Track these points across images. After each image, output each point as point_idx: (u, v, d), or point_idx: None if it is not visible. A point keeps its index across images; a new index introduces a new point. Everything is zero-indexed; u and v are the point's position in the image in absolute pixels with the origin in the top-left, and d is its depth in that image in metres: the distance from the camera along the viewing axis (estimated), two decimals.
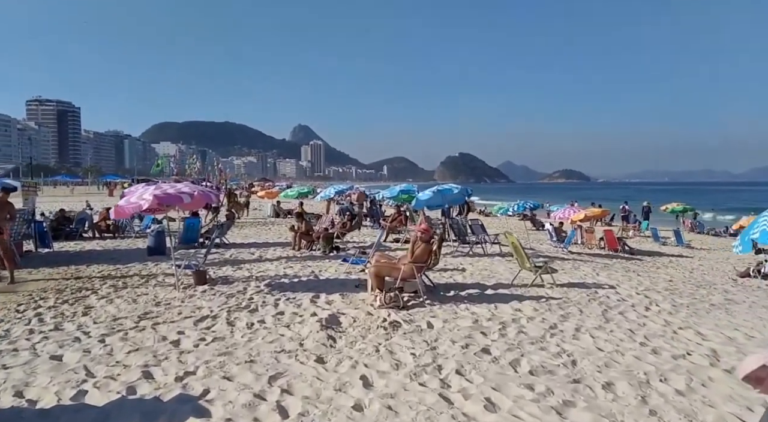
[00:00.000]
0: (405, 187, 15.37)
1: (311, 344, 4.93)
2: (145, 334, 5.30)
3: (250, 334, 5.28)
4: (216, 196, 7.52)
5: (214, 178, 63.98)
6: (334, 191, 18.18)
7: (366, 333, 5.29)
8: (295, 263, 10.17)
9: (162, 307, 6.49)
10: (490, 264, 10.12)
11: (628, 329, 5.53)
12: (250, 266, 9.79)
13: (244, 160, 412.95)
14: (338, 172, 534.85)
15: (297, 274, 8.90)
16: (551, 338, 5.18)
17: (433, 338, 5.13)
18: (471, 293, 7.28)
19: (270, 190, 28.47)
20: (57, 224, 14.53)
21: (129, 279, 8.40)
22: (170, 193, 6.70)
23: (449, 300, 6.77)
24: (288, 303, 6.66)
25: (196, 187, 7.07)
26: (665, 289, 7.91)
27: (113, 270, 9.31)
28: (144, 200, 6.65)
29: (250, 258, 10.88)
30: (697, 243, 22.33)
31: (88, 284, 8.02)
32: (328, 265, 9.90)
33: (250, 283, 8.00)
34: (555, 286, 7.71)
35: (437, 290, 7.41)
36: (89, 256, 11.30)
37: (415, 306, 6.39)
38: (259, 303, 6.64)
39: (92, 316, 6.07)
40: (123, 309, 6.43)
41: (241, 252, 11.77)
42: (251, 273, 9.06)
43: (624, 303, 6.79)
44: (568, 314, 6.12)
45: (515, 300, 6.76)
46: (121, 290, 7.56)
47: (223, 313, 6.12)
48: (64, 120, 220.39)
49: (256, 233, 16.85)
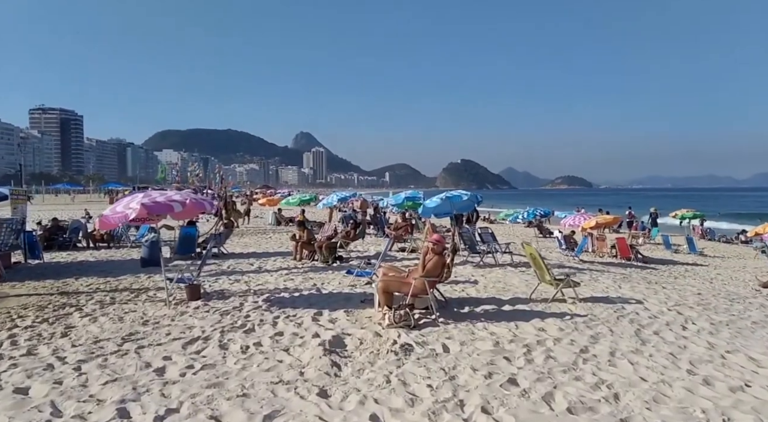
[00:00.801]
0: (410, 193, 14.79)
1: (313, 373, 4.34)
2: (126, 360, 4.72)
3: (245, 360, 4.69)
4: (210, 203, 6.97)
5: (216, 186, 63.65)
6: (337, 198, 17.61)
7: (375, 359, 4.69)
8: (296, 275, 9.59)
9: (150, 327, 5.92)
10: (504, 276, 9.52)
11: (669, 353, 4.92)
12: (249, 278, 9.22)
13: (246, 167, 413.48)
14: (340, 178, 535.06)
15: (298, 287, 8.32)
16: (584, 364, 4.58)
17: (451, 365, 4.53)
18: (487, 309, 6.68)
19: (271, 198, 27.93)
20: (50, 234, 14.01)
21: (118, 294, 7.83)
22: (159, 202, 6.14)
23: (464, 318, 6.17)
24: (288, 321, 6.08)
25: (188, 195, 6.52)
26: (697, 304, 7.29)
27: (102, 284, 8.74)
28: (131, 209, 6.10)
29: (249, 270, 10.31)
30: (710, 250, 21.68)
31: (73, 299, 7.46)
32: (331, 277, 9.32)
33: (247, 298, 7.43)
34: (578, 301, 7.10)
35: (450, 306, 6.82)
36: (80, 268, 10.75)
37: (428, 325, 5.80)
38: (256, 321, 6.06)
39: (72, 338, 5.50)
40: (107, 329, 5.85)
41: (239, 263, 11.20)
42: (249, 286, 8.48)
43: (656, 320, 6.18)
44: (597, 334, 5.51)
45: (537, 318, 6.16)
46: (107, 306, 6.99)
47: (215, 334, 5.54)
48: (67, 128, 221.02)
49: (257, 242, 16.29)
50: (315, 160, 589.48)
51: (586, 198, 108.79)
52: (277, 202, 25.63)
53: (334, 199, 17.46)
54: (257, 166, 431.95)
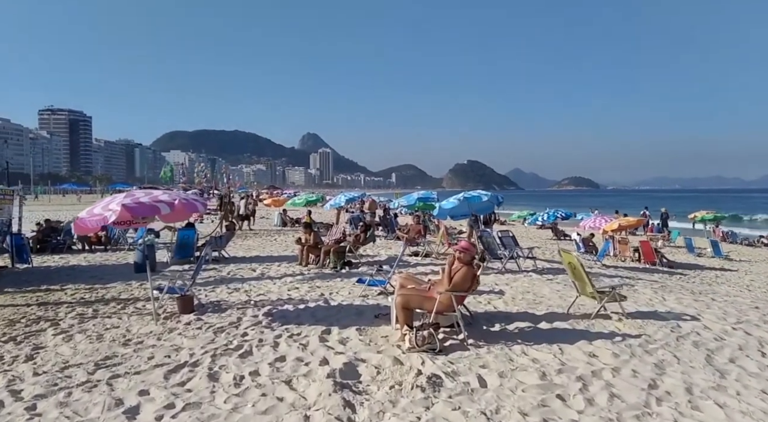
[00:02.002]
0: (423, 194, 13.87)
1: (321, 417, 3.46)
2: (94, 396, 3.87)
3: (237, 397, 3.83)
4: (204, 204, 6.12)
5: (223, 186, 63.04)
6: (345, 199, 16.72)
7: (396, 396, 3.81)
8: (302, 283, 8.73)
9: (131, 347, 5.08)
10: (531, 285, 8.60)
11: (761, 391, 4.00)
12: (249, 287, 8.37)
13: (253, 167, 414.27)
14: (346, 179, 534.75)
15: (303, 298, 7.46)
16: (659, 406, 3.67)
17: (493, 406, 3.64)
18: (521, 327, 5.77)
19: (277, 198, 27.11)
20: (43, 235, 13.27)
21: (102, 306, 7.00)
22: (143, 203, 5.30)
23: (496, 338, 5.27)
24: (291, 341, 5.22)
25: (177, 195, 5.68)
26: (763, 321, 6.33)
27: (88, 293, 7.93)
28: (110, 211, 5.26)
29: (250, 277, 9.47)
30: (734, 254, 20.56)
31: (51, 312, 6.64)
32: (340, 286, 8.45)
33: (246, 311, 6.57)
34: (625, 318, 6.17)
35: (477, 322, 5.92)
36: (70, 273, 9.96)
37: (455, 348, 4.91)
38: (254, 342, 5.20)
39: (37, 363, 4.67)
40: (80, 350, 5.02)
41: (240, 269, 10.36)
42: (249, 296, 7.63)
43: (724, 343, 5.24)
44: (662, 363, 4.59)
45: (582, 339, 5.24)
46: (87, 321, 6.16)
47: (206, 359, 4.69)
48: (76, 129, 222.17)
49: (261, 245, 15.46)
50: (321, 161, 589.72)
51: (594, 199, 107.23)
52: (283, 202, 24.80)
53: (342, 200, 16.58)
54: (264, 167, 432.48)
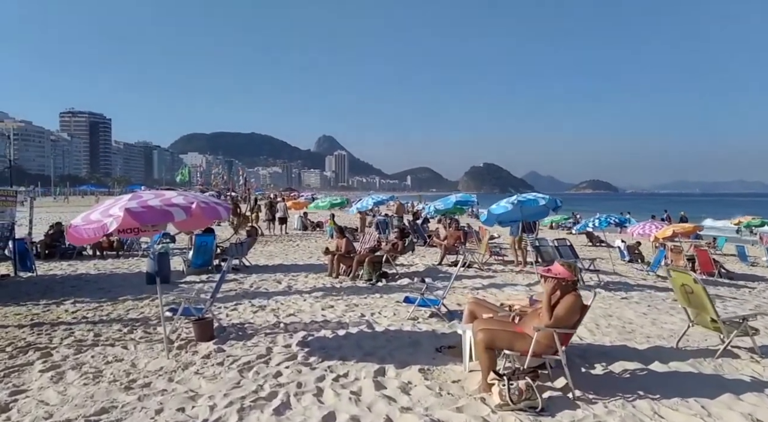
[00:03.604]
0: (462, 196, 12.60)
1: None
2: None
3: None
4: (227, 208, 4.97)
5: (239, 188, 62.58)
6: (373, 202, 15.51)
7: None
8: (336, 299, 7.54)
9: (135, 393, 3.94)
10: (608, 306, 7.28)
11: None
12: (276, 304, 7.22)
13: (269, 170, 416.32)
14: (362, 182, 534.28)
15: (342, 320, 6.27)
16: None
17: None
18: (630, 369, 4.48)
19: (297, 201, 26.01)
20: (51, 240, 12.34)
21: (107, 328, 5.90)
22: (152, 207, 4.16)
23: (607, 387, 4.00)
24: (338, 387, 4.03)
25: (194, 198, 4.54)
26: None
27: (92, 310, 6.84)
28: (110, 217, 4.14)
29: (276, 290, 8.32)
30: None
31: (44, 337, 5.55)
32: (381, 304, 7.25)
33: (276, 339, 5.40)
34: (759, 357, 4.83)
35: (572, 361, 4.64)
36: (75, 284, 8.93)
37: (560, 404, 3.66)
38: (291, 387, 4.02)
39: (11, 418, 3.55)
40: (71, 396, 3.89)
41: (264, 280, 9.23)
42: (278, 317, 6.47)
43: None
44: None
45: (723, 389, 3.94)
46: (86, 350, 5.05)
47: (231, 415, 3.52)
48: (96, 131, 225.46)
49: (283, 251, 14.36)
50: (337, 164, 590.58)
51: (613, 202, 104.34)
52: (304, 205, 23.68)
53: (369, 203, 15.37)
54: (280, 169, 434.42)
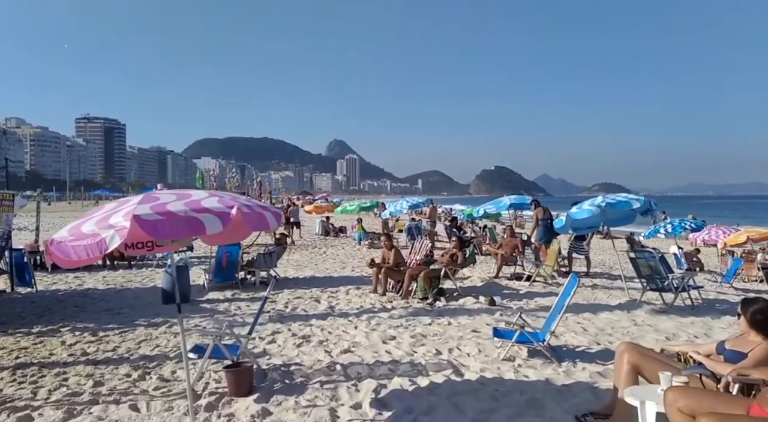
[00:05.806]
0: (517, 199, 11.06)
1: None
2: None
3: None
4: (277, 213, 3.52)
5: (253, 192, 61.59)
6: (408, 205, 14.02)
7: None
8: (396, 327, 6.06)
9: None
10: None
11: None
12: (323, 333, 5.77)
13: (281, 174, 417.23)
14: (373, 185, 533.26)
15: (414, 360, 4.79)
16: None
17: None
18: None
19: (320, 205, 24.57)
20: None
21: (111, 372, 4.50)
22: (172, 214, 2.72)
23: None
24: None
25: (234, 200, 3.11)
26: None
27: (94, 343, 5.44)
28: (111, 229, 2.72)
29: (317, 312, 6.89)
30: None
31: (29, 386, 4.16)
32: (455, 334, 5.75)
33: (338, 393, 3.94)
34: None
35: None
36: (79, 303, 7.57)
37: None
38: None
39: None
40: None
41: (299, 297, 7.82)
42: (330, 353, 5.01)
43: None
44: None
45: None
46: (80, 411, 3.64)
47: None
48: (111, 136, 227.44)
49: (310, 259, 12.97)
50: (348, 167, 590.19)
51: None
52: (326, 209, 22.18)
53: (404, 207, 13.88)
54: (292, 173, 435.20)
